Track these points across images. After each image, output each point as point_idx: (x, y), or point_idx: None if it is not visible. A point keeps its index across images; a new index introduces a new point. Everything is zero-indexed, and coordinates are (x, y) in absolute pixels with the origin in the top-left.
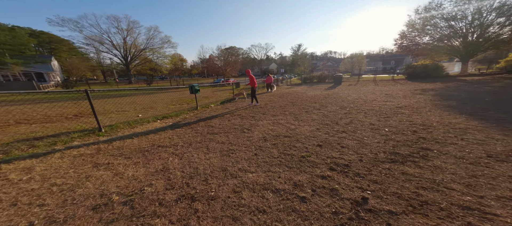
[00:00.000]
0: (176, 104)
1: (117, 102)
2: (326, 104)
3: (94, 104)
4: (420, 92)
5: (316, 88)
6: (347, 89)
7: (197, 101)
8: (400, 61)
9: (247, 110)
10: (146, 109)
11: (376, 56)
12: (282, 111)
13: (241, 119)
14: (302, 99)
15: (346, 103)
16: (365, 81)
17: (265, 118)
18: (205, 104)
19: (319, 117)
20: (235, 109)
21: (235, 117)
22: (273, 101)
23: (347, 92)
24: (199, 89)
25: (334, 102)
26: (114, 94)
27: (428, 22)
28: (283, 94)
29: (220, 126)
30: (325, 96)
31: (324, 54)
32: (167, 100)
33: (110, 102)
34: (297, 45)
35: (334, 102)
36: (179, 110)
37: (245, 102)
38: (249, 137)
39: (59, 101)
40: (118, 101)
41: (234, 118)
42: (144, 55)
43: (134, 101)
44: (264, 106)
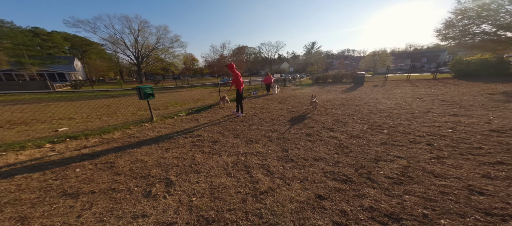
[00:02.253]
0: (137, 111)
1: (68, 106)
2: (344, 119)
3: None
4: (505, 98)
5: (330, 89)
6: (373, 92)
7: (163, 109)
8: (433, 58)
9: (218, 127)
10: (82, 121)
11: (402, 54)
12: (268, 133)
13: (188, 148)
14: (307, 108)
15: (378, 116)
16: (394, 81)
17: (232, 147)
18: (171, 114)
19: (331, 152)
20: (205, 124)
21: (184, 143)
22: (268, 109)
23: (374, 96)
24: (152, 93)
25: (356, 114)
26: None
27: (487, 6)
28: (286, 98)
29: (124, 168)
30: (342, 103)
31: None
32: (139, 104)
33: (58, 107)
34: (311, 43)
35: (357, 115)
36: (121, 123)
37: (227, 112)
38: (142, 212)
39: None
40: (72, 106)
41: (180, 146)
42: (155, 54)
43: (99, 105)
44: (249, 120)
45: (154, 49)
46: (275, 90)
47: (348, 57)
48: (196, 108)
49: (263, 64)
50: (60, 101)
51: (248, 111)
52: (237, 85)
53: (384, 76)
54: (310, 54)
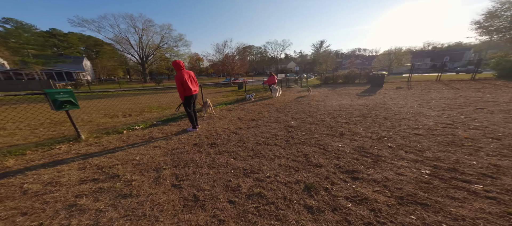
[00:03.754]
0: (107, 118)
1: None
2: (375, 147)
3: None
4: None
5: (342, 92)
6: (401, 96)
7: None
8: (456, 56)
9: (164, 156)
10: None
11: (420, 52)
12: (236, 181)
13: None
14: (313, 120)
15: (433, 143)
16: (421, 82)
17: (148, 219)
18: (125, 126)
19: None
20: (155, 146)
21: (66, 198)
22: (259, 121)
23: (406, 103)
24: (70, 101)
25: (392, 136)
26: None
27: None
28: (287, 103)
29: None
30: (362, 113)
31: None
32: (118, 107)
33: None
34: (319, 42)
35: (394, 138)
36: (43, 139)
37: (204, 123)
38: None
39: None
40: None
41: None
42: (159, 54)
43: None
44: (222, 142)
45: (158, 48)
46: (276, 93)
47: (359, 56)
48: (167, 118)
49: (269, 64)
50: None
51: (231, 125)
52: (180, 90)
53: (408, 76)
54: (318, 53)
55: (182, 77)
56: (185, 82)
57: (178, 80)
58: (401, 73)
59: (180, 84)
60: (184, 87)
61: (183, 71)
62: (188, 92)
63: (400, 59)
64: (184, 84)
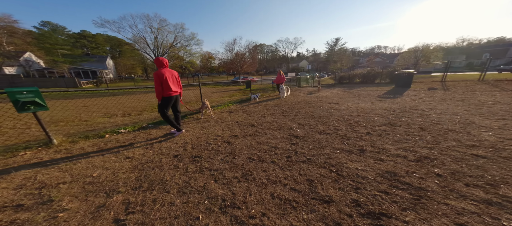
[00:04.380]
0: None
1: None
2: (416, 175)
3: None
4: None
5: (360, 93)
6: (437, 99)
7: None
8: (498, 53)
9: (133, 171)
10: None
11: (453, 49)
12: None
13: None
14: (323, 128)
15: None
16: (459, 82)
17: None
18: (107, 130)
19: None
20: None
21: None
22: (259, 127)
23: (447, 109)
24: (35, 101)
25: (446, 161)
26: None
27: None
28: (295, 105)
29: None
30: (388, 121)
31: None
32: (123, 105)
33: None
34: (334, 39)
35: (445, 163)
36: (15, 143)
37: (196, 128)
38: None
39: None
40: None
41: None
42: (173, 52)
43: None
44: (208, 155)
45: (172, 47)
46: (283, 94)
47: (379, 54)
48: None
49: (280, 63)
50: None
51: (226, 131)
52: (157, 91)
53: (442, 75)
54: (333, 51)
55: (162, 76)
56: (165, 82)
57: (157, 78)
58: (430, 72)
59: (159, 83)
60: (163, 87)
61: (164, 69)
62: (167, 93)
63: (428, 56)
64: (164, 84)
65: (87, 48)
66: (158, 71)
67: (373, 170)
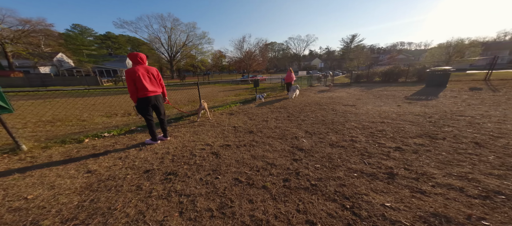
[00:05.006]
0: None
1: None
2: None
3: None
4: None
5: (382, 94)
6: (488, 103)
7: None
8: None
9: (80, 195)
10: None
11: (494, 44)
12: None
13: None
14: (336, 139)
15: None
16: (509, 81)
17: None
18: (108, 130)
19: None
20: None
21: None
22: (258, 135)
23: (506, 115)
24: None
25: None
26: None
27: None
28: (304, 106)
29: None
30: (425, 131)
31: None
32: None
33: None
34: (350, 36)
35: None
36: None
37: (186, 134)
38: None
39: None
40: None
41: None
42: (185, 51)
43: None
44: (186, 173)
45: (185, 46)
46: (292, 94)
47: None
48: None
49: (291, 61)
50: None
51: (218, 139)
52: (130, 91)
53: (486, 73)
54: (349, 48)
55: (134, 73)
56: (139, 79)
57: (128, 76)
58: (465, 70)
59: (131, 82)
60: (137, 86)
61: (138, 66)
62: (143, 93)
63: (462, 52)
64: (138, 82)
65: (111, 48)
66: (130, 69)
67: (411, 210)
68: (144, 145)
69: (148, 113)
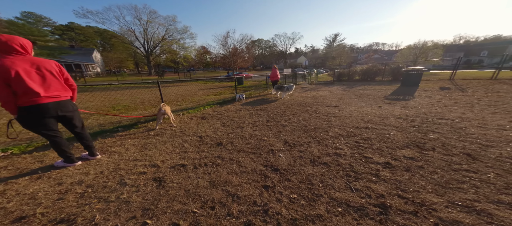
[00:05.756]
0: None
1: None
2: None
3: None
4: None
5: (363, 93)
6: (462, 103)
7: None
8: (495, 51)
9: None
10: None
11: (451, 47)
12: None
13: None
14: (319, 152)
15: None
16: (470, 80)
17: None
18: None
19: None
20: None
21: None
22: (230, 141)
23: (483, 117)
24: None
25: None
26: None
27: None
28: (287, 108)
29: None
30: (412, 140)
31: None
32: (88, 105)
33: None
34: (333, 35)
35: None
36: None
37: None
38: None
39: None
40: None
41: None
42: (164, 46)
43: None
44: (82, 211)
45: (164, 40)
46: (284, 94)
47: (378, 51)
48: (102, 129)
49: (278, 58)
50: None
51: (172, 156)
52: (2, 101)
53: (451, 73)
54: (332, 47)
55: (7, 71)
56: (17, 80)
57: (2, 79)
58: (428, 70)
59: (3, 85)
60: (16, 90)
61: (13, 58)
62: (29, 100)
63: (426, 53)
64: (15, 84)
65: (75, 41)
66: (9, 60)
67: None
68: (54, 168)
69: (45, 128)
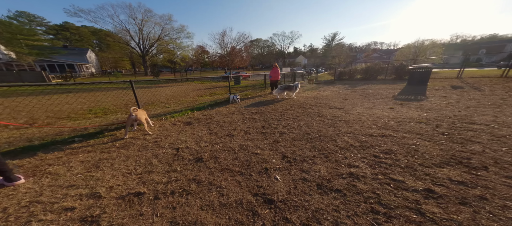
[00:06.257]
0: None
1: None
2: None
3: None
4: None
5: (368, 93)
6: (486, 104)
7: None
8: (494, 49)
9: None
10: None
11: (449, 45)
12: None
13: None
14: (328, 172)
15: None
16: (481, 78)
17: None
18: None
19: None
20: None
21: None
22: (214, 156)
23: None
24: None
25: None
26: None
27: None
28: (285, 110)
29: None
30: (448, 152)
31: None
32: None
33: None
34: (332, 34)
35: None
36: None
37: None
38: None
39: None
40: None
41: None
42: (160, 46)
43: None
44: None
45: (160, 39)
46: (291, 94)
47: (376, 50)
48: (63, 138)
49: (277, 58)
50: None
51: (129, 179)
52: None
53: (458, 71)
54: (330, 46)
55: None
56: None
57: None
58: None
59: None
60: None
61: None
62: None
63: (424, 52)
64: None
65: (70, 41)
66: None
67: None
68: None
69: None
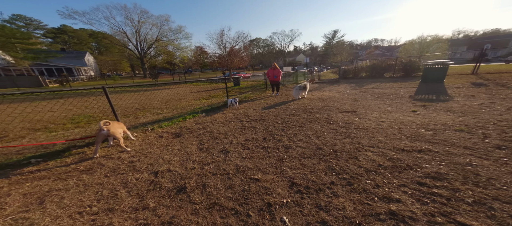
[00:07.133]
0: None
1: None
2: None
3: None
4: None
5: (380, 93)
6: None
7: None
8: (499, 43)
9: None
10: None
11: (455, 41)
12: None
13: None
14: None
15: None
16: (499, 74)
17: None
18: None
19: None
20: None
21: None
22: (200, 184)
23: None
24: None
25: None
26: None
27: None
28: (290, 115)
29: None
30: None
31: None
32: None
33: None
34: (332, 32)
35: None
36: None
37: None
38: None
39: None
40: None
41: None
42: (158, 47)
43: None
44: None
45: (158, 40)
46: (298, 95)
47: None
48: (35, 154)
49: (277, 57)
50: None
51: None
52: None
53: (473, 67)
54: (331, 44)
55: None
56: None
57: None
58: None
59: None
60: None
61: None
62: None
63: (428, 48)
64: None
65: (69, 44)
66: None
67: None
68: None
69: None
